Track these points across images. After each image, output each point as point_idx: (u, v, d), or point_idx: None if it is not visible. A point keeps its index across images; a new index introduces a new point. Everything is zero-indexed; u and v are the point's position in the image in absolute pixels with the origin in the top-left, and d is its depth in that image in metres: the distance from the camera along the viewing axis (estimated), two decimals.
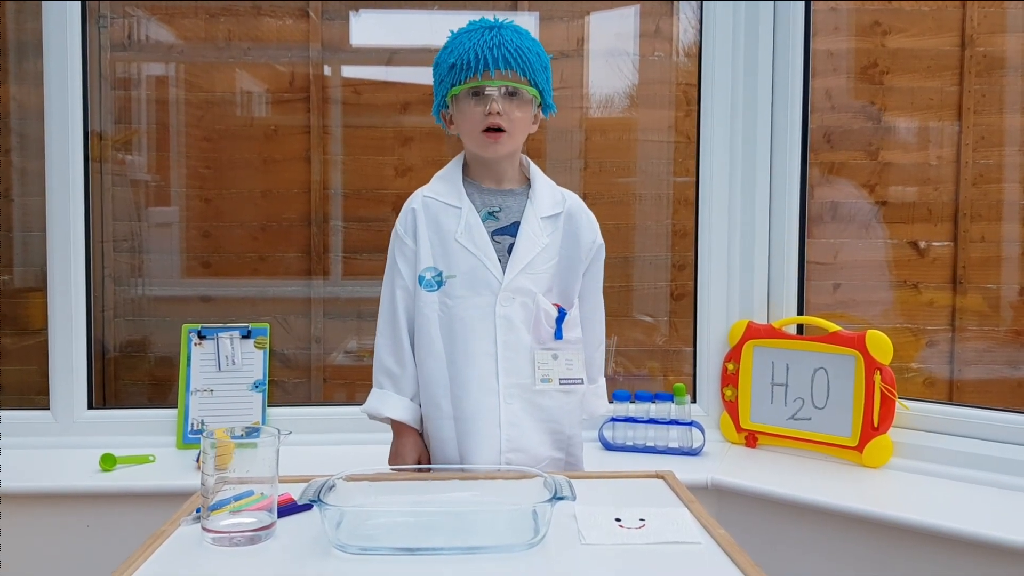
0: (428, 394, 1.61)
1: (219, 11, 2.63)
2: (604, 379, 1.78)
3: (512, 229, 1.60)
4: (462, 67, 1.54)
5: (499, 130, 1.56)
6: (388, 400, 1.64)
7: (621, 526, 1.26)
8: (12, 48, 2.52)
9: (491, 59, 1.53)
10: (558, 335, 1.61)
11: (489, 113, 1.55)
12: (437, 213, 1.61)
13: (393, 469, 1.61)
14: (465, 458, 1.57)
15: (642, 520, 1.28)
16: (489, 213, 1.61)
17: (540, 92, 1.60)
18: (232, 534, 1.18)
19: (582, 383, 1.64)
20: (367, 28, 2.74)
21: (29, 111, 2.48)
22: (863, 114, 2.57)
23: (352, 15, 2.69)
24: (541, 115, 1.65)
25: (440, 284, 1.59)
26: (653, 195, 2.76)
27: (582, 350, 1.66)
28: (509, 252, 1.59)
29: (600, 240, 1.70)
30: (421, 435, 1.66)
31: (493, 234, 1.60)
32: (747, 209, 2.24)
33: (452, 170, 1.66)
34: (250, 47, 2.65)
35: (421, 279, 1.60)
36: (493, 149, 1.58)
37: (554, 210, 1.63)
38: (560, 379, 1.61)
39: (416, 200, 1.65)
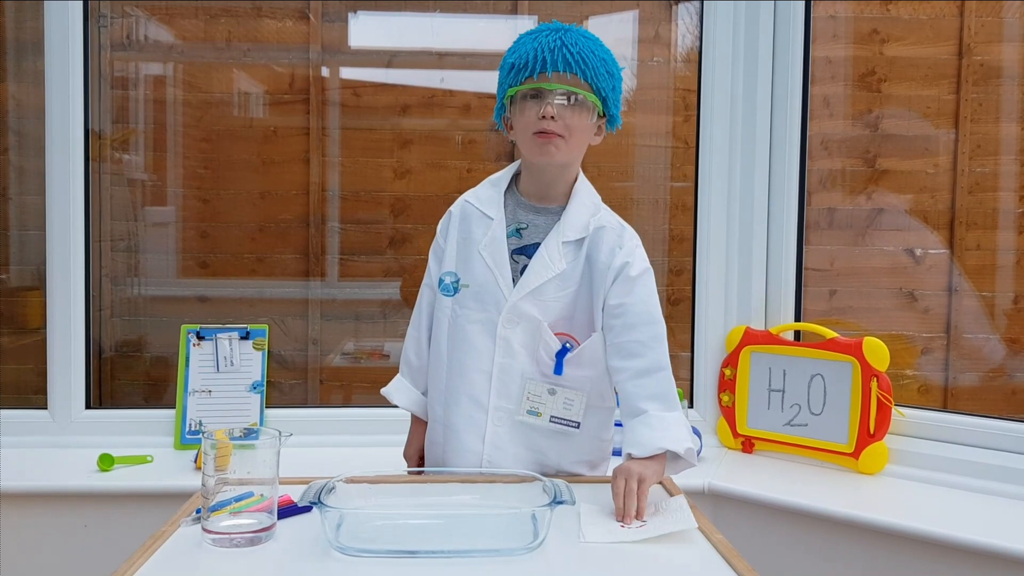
0: (429, 395, 1.61)
1: (219, 12, 2.63)
2: (673, 413, 1.46)
3: (531, 250, 1.52)
4: (520, 67, 1.46)
5: (554, 133, 1.45)
6: (400, 387, 1.65)
7: (623, 526, 1.27)
8: (11, 47, 2.52)
9: (550, 60, 1.44)
10: (557, 370, 1.50)
11: (543, 116, 1.44)
12: (471, 220, 1.56)
13: (409, 471, 1.61)
14: (447, 465, 1.55)
15: (643, 521, 1.29)
16: (516, 229, 1.54)
17: (603, 100, 1.49)
18: (232, 535, 1.19)
19: (577, 427, 1.51)
20: (366, 30, 2.75)
21: (27, 110, 2.48)
22: (861, 122, 2.58)
23: (351, 16, 2.69)
24: (606, 128, 1.55)
25: (456, 290, 1.54)
26: (651, 200, 2.77)
27: (587, 393, 1.51)
28: (523, 273, 1.51)
29: (627, 259, 1.50)
30: None
31: (513, 252, 1.52)
32: (745, 214, 2.24)
33: (502, 177, 1.59)
34: (249, 48, 2.66)
35: (441, 282, 1.56)
36: (546, 153, 1.46)
37: (579, 234, 1.51)
38: (552, 416, 1.50)
39: (457, 204, 1.60)
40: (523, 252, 1.53)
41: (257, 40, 2.66)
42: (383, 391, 1.66)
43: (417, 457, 1.65)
